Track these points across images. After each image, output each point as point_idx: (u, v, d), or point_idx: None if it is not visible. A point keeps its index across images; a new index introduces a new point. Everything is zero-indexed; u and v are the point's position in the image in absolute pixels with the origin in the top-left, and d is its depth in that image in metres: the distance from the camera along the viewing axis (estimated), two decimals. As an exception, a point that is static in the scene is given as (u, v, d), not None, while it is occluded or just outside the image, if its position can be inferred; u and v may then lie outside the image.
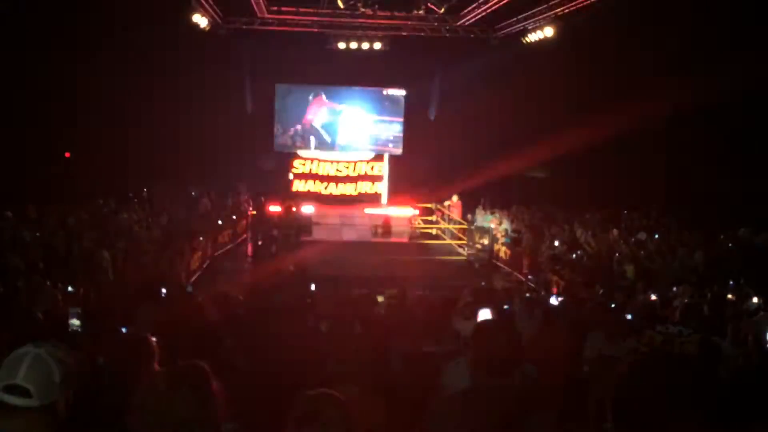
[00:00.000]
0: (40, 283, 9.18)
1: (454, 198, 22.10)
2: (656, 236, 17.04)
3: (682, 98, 16.57)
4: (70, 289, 10.35)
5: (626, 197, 21.01)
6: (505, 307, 8.78)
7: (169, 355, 3.38)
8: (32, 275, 10.89)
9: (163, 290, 10.33)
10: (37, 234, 14.45)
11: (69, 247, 13.71)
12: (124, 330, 5.87)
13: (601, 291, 12.89)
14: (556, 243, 17.84)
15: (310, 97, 24.41)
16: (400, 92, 24.71)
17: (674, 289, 12.08)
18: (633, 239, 17.03)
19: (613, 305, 9.59)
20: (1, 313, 5.55)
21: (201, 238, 18.04)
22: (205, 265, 17.59)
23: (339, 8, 17.15)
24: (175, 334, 4.74)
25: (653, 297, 10.28)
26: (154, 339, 3.92)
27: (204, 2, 17.74)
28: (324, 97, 24.41)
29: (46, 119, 19.21)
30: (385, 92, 24.70)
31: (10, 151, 18.25)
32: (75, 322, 5.83)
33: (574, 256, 16.59)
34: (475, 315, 6.06)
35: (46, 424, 2.15)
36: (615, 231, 17.52)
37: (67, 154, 22.52)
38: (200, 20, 18.26)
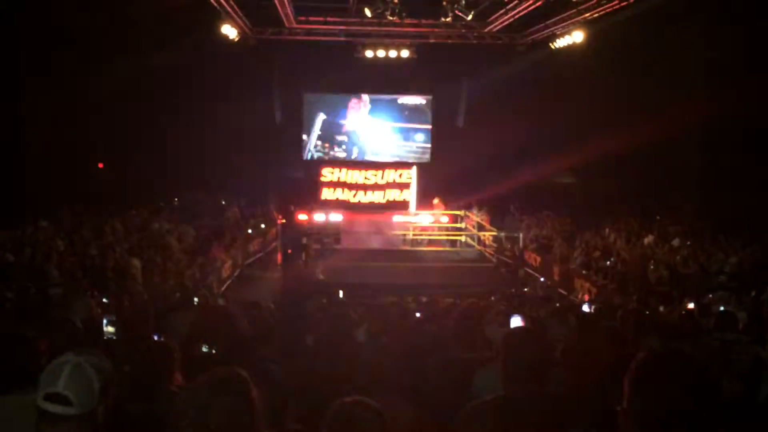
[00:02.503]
0: (77, 291, 9.32)
1: (435, 200, 22.07)
2: (688, 243, 16.75)
3: (716, 102, 16.33)
4: (104, 300, 10.49)
5: (658, 202, 20.72)
6: (537, 314, 8.71)
7: (205, 364, 3.41)
8: (68, 284, 11.08)
9: (195, 299, 10.46)
10: (72, 243, 14.69)
11: (103, 256, 13.91)
12: (157, 338, 5.94)
13: (635, 297, 12.71)
14: (588, 249, 17.65)
15: (351, 102, 24.67)
16: (427, 100, 24.76)
17: (710, 296, 11.86)
18: (667, 246, 16.75)
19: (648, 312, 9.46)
20: (39, 321, 5.63)
21: (231, 247, 18.19)
22: (235, 274, 17.72)
23: (366, 17, 17.20)
24: (208, 342, 4.78)
25: (690, 305, 10.09)
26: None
27: (233, 13, 17.93)
28: (364, 99, 24.60)
29: (79, 131, 19.57)
30: (412, 101, 24.77)
31: (44, 162, 18.64)
32: (109, 329, 5.88)
33: (608, 263, 16.38)
34: (507, 322, 6.02)
35: (85, 431, 2.17)
36: (650, 237, 17.25)
37: (100, 165, 22.92)
38: (230, 31, 18.47)
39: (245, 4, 17.88)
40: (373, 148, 24.90)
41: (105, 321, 5.78)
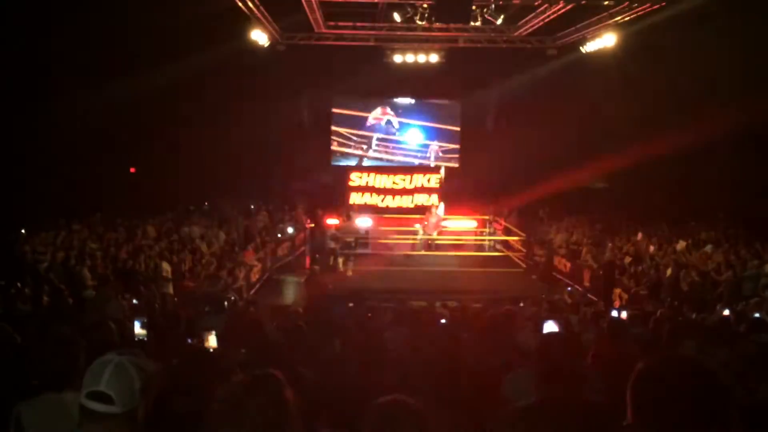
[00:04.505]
0: (109, 294, 9.47)
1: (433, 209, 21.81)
2: (721, 249, 16.45)
3: (750, 107, 16.04)
4: (135, 301, 10.65)
5: (691, 208, 20.40)
6: (569, 320, 8.62)
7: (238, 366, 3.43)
8: (101, 286, 11.25)
9: (225, 303, 10.57)
10: (104, 247, 14.92)
11: (134, 259, 14.10)
12: (189, 341, 6.00)
13: (667, 304, 12.53)
14: (619, 255, 17.44)
15: (376, 111, 24.81)
16: (456, 104, 24.75)
17: (746, 303, 11.63)
18: (700, 252, 16.48)
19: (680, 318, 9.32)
20: (74, 323, 5.73)
21: (260, 251, 18.31)
22: (264, 278, 17.83)
23: (395, 22, 17.25)
24: (238, 345, 4.82)
25: (726, 312, 9.89)
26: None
27: (263, 19, 18.07)
28: (388, 109, 24.74)
29: (111, 135, 19.87)
30: (441, 105, 24.77)
31: (77, 166, 18.97)
32: (141, 331, 5.94)
33: (641, 268, 16.17)
34: (540, 327, 5.96)
35: (127, 430, 2.21)
36: (682, 243, 16.99)
37: (132, 170, 23.26)
38: (260, 36, 18.62)
39: (275, 10, 18.02)
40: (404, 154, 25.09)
41: (137, 323, 5.86)
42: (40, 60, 17.28)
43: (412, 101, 25.13)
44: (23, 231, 15.13)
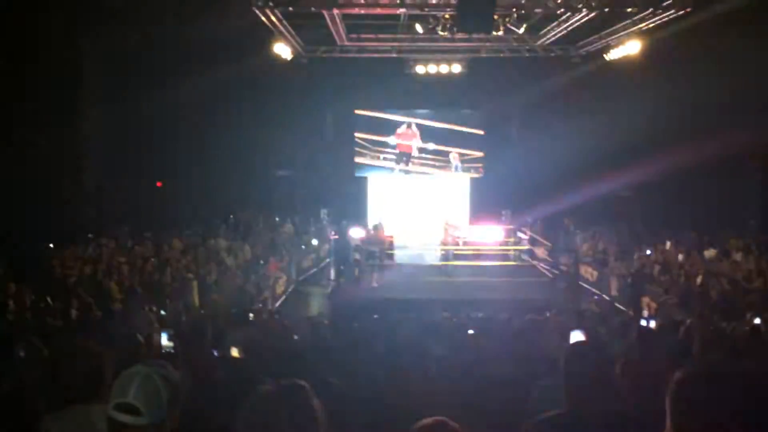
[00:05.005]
0: (136, 306, 9.56)
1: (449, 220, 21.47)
2: (752, 257, 16.15)
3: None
4: (161, 313, 10.74)
5: (718, 216, 20.09)
6: (597, 329, 8.52)
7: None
8: (129, 299, 11.37)
9: (251, 315, 10.61)
10: (131, 260, 15.09)
11: (161, 272, 14.25)
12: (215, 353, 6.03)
13: (697, 313, 12.32)
14: (648, 263, 17.22)
15: (399, 129, 24.69)
16: (480, 113, 24.66)
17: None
18: (730, 260, 16.21)
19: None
20: (102, 336, 5.79)
21: (285, 263, 18.40)
22: (290, 290, 17.89)
23: (417, 33, 17.26)
24: (265, 356, 4.83)
25: (757, 321, 9.69)
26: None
27: (286, 33, 18.19)
28: (414, 127, 24.64)
29: (138, 150, 20.13)
30: (465, 113, 24.70)
31: (105, 180, 19.24)
32: (167, 343, 5.99)
33: (669, 277, 15.95)
34: (567, 337, 5.90)
35: None
36: (712, 251, 16.73)
37: (159, 184, 23.53)
38: (283, 50, 18.73)
39: (298, 24, 18.13)
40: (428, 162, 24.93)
41: (164, 335, 5.90)
42: (65, 75, 17.56)
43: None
44: (52, 245, 15.35)
